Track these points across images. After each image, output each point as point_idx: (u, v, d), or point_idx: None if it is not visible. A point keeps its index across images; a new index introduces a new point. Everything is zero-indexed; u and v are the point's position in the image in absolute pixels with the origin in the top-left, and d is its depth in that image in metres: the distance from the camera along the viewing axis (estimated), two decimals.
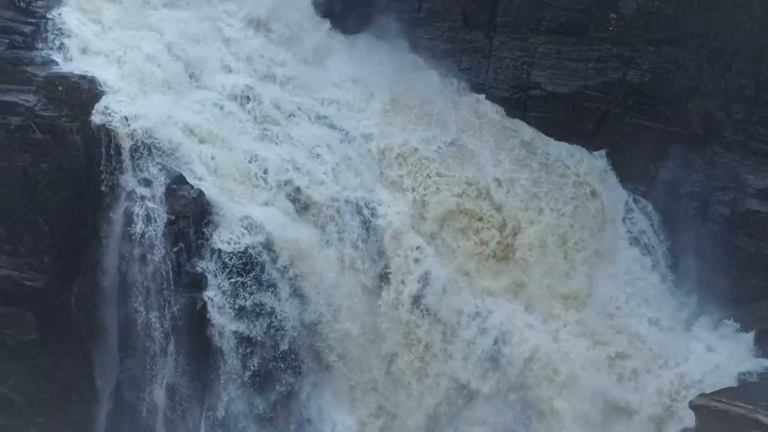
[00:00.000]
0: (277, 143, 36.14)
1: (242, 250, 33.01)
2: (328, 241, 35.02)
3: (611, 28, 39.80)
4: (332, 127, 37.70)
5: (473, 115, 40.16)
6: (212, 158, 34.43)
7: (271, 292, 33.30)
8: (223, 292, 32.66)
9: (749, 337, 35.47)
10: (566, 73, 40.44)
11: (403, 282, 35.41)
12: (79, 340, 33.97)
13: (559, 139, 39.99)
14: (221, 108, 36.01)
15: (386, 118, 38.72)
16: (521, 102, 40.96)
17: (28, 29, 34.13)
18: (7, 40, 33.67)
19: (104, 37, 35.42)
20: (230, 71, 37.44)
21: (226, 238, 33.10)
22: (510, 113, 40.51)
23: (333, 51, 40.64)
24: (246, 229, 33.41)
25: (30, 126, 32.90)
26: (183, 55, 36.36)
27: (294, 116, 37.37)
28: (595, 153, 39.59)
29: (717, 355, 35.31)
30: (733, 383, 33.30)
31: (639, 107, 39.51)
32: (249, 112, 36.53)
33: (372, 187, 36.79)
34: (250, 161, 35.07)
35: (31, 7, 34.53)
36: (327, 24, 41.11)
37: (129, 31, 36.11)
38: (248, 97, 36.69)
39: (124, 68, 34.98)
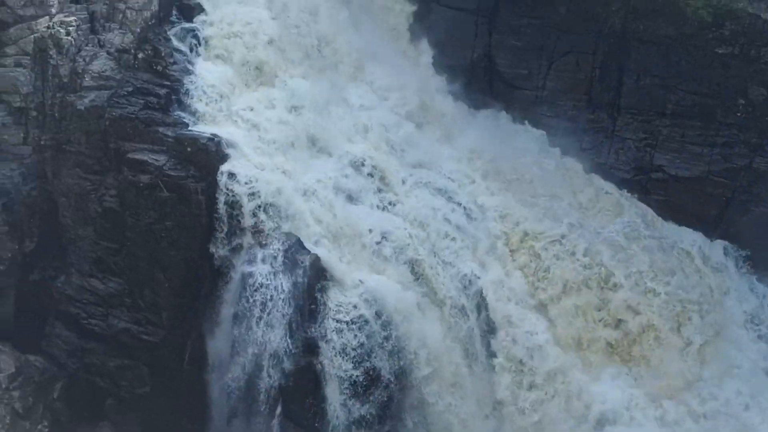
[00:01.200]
0: (394, 212, 36.36)
1: (356, 316, 33.08)
2: (440, 311, 34.86)
3: (739, 114, 39.21)
4: (450, 199, 37.77)
5: (593, 195, 39.88)
6: (330, 224, 34.81)
7: (383, 360, 33.19)
8: (335, 358, 32.72)
9: None
10: (690, 157, 39.92)
11: (518, 362, 35.06)
12: (191, 396, 34.36)
13: (680, 223, 39.36)
14: (342, 175, 36.43)
15: (505, 194, 38.69)
16: (642, 184, 40.55)
17: (162, 91, 35.18)
18: (142, 101, 34.80)
19: (233, 101, 36.25)
20: (353, 140, 37.94)
21: (340, 304, 33.27)
22: (631, 195, 40.09)
23: (455, 124, 40.95)
24: (360, 296, 33.51)
25: (158, 184, 33.78)
26: (308, 122, 36.98)
27: (413, 187, 37.62)
28: (717, 240, 38.72)
29: None
30: None
31: (765, 195, 38.61)
32: (369, 180, 36.89)
33: (487, 261, 36.61)
34: (367, 229, 35.29)
35: (167, 71, 35.66)
36: (451, 97, 41.59)
37: (257, 95, 36.89)
38: (369, 166, 37.06)
39: (250, 132, 35.69)
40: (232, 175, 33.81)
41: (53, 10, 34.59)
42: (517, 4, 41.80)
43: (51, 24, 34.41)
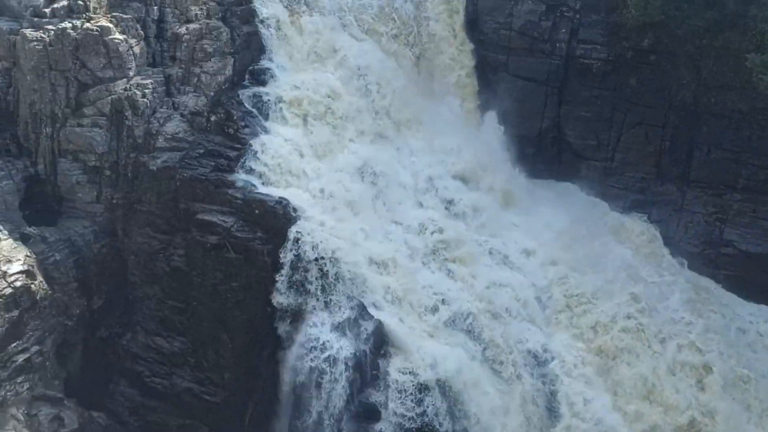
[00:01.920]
0: (459, 281, 36.22)
1: (417, 384, 32.83)
2: (502, 380, 34.46)
3: None
4: (515, 270, 37.55)
5: (661, 269, 39.30)
6: (394, 289, 34.78)
7: (444, 427, 32.80)
8: (396, 424, 32.44)
9: None
10: (762, 232, 39.30)
11: None
12: None
13: (750, 300, 38.55)
14: (407, 241, 36.48)
15: (571, 268, 38.28)
16: (711, 259, 39.92)
17: (233, 154, 35.71)
18: (213, 163, 35.38)
19: (302, 164, 36.61)
20: (420, 205, 38.04)
21: (402, 370, 33.04)
22: (700, 270, 39.50)
23: (522, 194, 40.87)
24: (423, 363, 33.25)
25: (225, 245, 34.14)
26: (376, 187, 37.22)
27: (479, 256, 37.48)
28: None
29: None
30: None
31: None
32: (434, 247, 36.84)
33: (553, 334, 36.18)
34: (431, 296, 35.17)
35: (238, 134, 36.24)
36: (518, 167, 41.61)
37: (326, 159, 37.26)
38: (434, 233, 37.07)
39: (318, 195, 35.98)
40: (298, 239, 34.04)
41: (131, 73, 35.46)
42: (587, 76, 41.85)
43: (128, 86, 35.27)
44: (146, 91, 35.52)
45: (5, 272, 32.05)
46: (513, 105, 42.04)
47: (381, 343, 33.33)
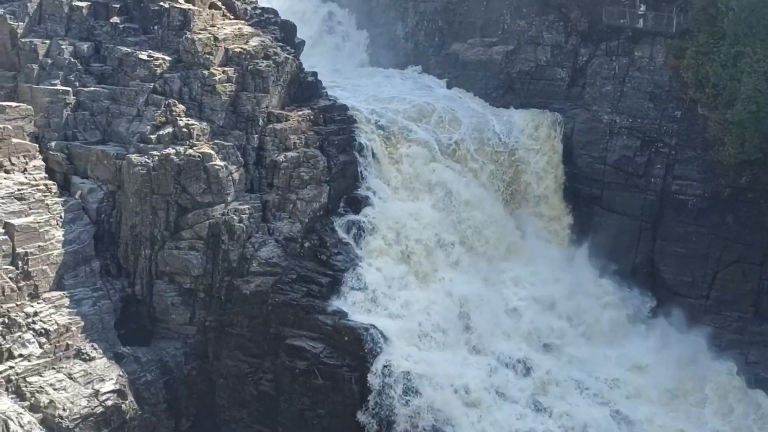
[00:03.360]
0: (548, 415, 35.51)
1: None
2: None
3: None
4: (608, 406, 36.69)
5: (755, 414, 37.98)
6: (481, 423, 34.20)
7: None
8: None
9: None
10: None
11: None
12: None
13: None
14: (495, 374, 36.04)
15: (664, 406, 37.32)
16: None
17: (324, 280, 36.01)
18: (305, 289, 35.70)
19: (393, 295, 36.72)
20: (509, 337, 37.67)
21: None
22: None
23: (613, 328, 40.15)
24: None
25: (314, 371, 34.14)
26: (466, 319, 37.05)
27: (567, 389, 36.81)
28: None
29: None
30: None
31: None
32: (523, 380, 36.36)
33: None
34: (518, 430, 34.54)
35: (331, 261, 36.66)
36: (610, 301, 40.87)
37: (417, 290, 37.27)
38: (522, 365, 36.68)
39: (408, 326, 35.91)
40: (386, 368, 33.92)
41: (229, 198, 36.29)
42: (682, 212, 41.50)
43: (226, 211, 36.07)
44: (243, 216, 36.27)
45: (98, 391, 32.53)
46: (606, 239, 41.80)
47: None
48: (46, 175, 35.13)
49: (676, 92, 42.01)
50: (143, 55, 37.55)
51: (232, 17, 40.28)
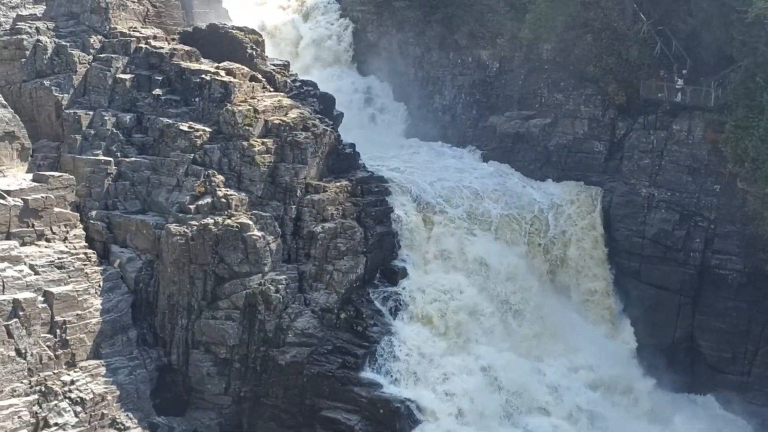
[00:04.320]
0: None
1: None
2: None
3: None
4: None
5: None
6: None
7: None
8: None
9: None
10: None
11: None
12: None
13: None
14: None
15: None
16: None
17: (360, 351, 35.87)
18: (340, 360, 35.55)
19: (429, 367, 36.47)
20: (547, 413, 37.19)
21: None
22: None
23: (653, 405, 39.53)
24: None
25: None
26: (502, 390, 36.70)
27: None
28: None
29: None
30: None
31: None
32: None
33: None
34: None
35: (367, 332, 36.54)
36: (649, 376, 40.45)
37: (453, 363, 36.97)
38: None
39: (443, 398, 35.62)
40: None
41: (266, 268, 36.37)
42: (722, 287, 41.08)
43: (263, 281, 36.14)
44: (280, 286, 36.32)
45: None
46: (645, 313, 41.43)
47: None
48: (86, 244, 35.54)
49: (714, 166, 41.84)
50: (184, 126, 38.06)
51: (272, 89, 40.79)
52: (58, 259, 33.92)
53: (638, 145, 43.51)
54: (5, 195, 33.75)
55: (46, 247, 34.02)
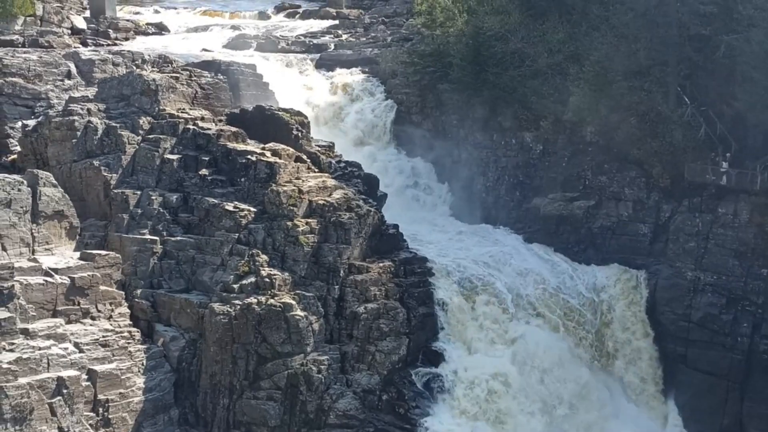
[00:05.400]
0: None
1: None
2: None
3: None
4: None
5: None
6: None
7: None
8: None
9: None
10: None
11: None
12: None
13: None
14: None
15: None
16: None
17: None
18: None
19: None
20: None
21: None
22: None
23: None
24: None
25: None
26: None
27: None
28: None
29: None
30: None
31: None
32: None
33: None
34: None
35: (409, 414, 36.32)
36: None
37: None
38: None
39: None
40: None
41: (308, 349, 36.31)
42: None
43: (305, 362, 36.05)
44: (322, 367, 36.20)
45: None
46: (692, 399, 40.65)
47: None
48: (131, 323, 35.79)
49: (761, 250, 41.34)
50: (229, 207, 38.43)
51: (316, 170, 41.18)
52: (103, 337, 34.20)
53: (684, 227, 43.18)
54: (53, 273, 34.22)
55: (91, 324, 34.31)
